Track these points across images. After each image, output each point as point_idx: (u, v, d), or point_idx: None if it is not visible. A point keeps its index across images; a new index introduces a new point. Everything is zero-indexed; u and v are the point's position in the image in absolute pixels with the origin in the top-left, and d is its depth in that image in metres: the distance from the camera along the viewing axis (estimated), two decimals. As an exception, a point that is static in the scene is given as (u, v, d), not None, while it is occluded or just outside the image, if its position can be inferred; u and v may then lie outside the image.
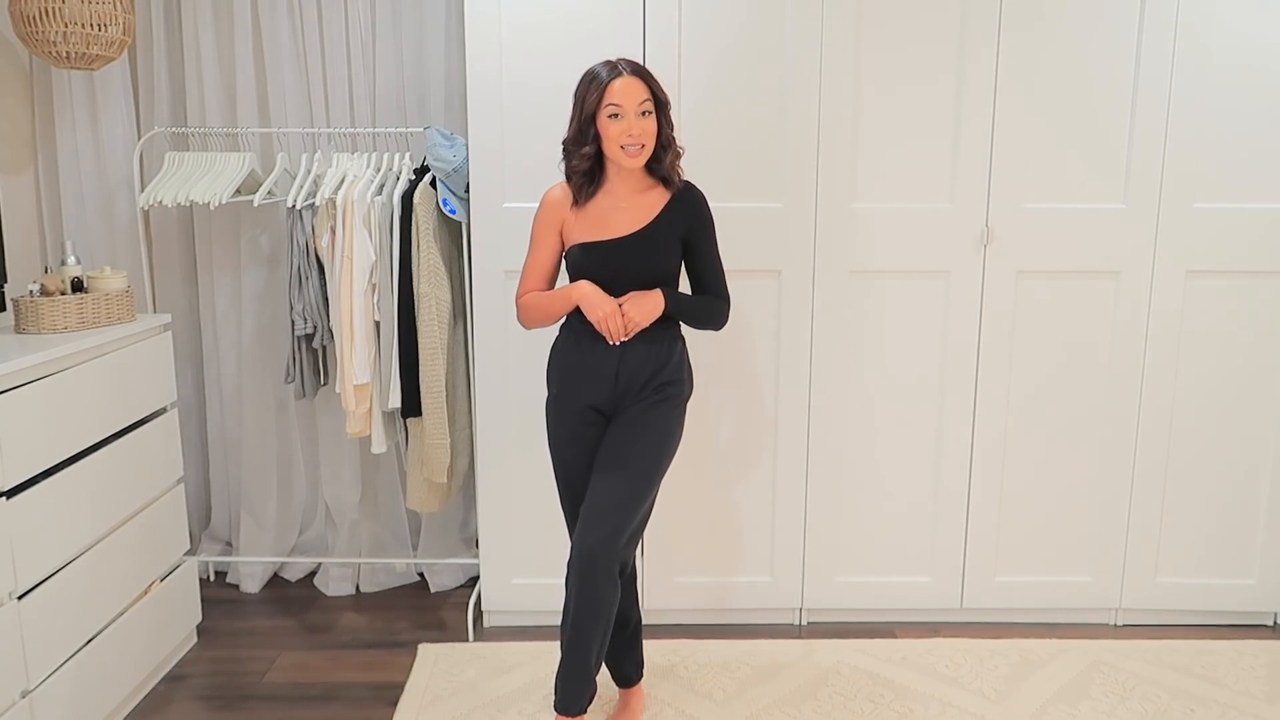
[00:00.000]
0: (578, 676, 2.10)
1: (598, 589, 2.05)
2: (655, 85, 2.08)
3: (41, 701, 2.08)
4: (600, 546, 2.04)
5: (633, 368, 2.12)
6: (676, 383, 2.16)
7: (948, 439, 2.74)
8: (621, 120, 2.03)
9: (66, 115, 2.91)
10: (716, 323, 2.21)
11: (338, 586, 3.13)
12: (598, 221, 2.13)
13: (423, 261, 2.66)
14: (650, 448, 2.12)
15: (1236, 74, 2.56)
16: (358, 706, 2.48)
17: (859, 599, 2.84)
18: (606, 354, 2.11)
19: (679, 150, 2.15)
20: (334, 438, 3.09)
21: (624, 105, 2.02)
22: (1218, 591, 2.82)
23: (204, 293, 3.08)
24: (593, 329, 2.10)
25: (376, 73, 2.97)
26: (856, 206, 2.62)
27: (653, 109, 2.06)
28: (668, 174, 2.14)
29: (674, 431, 2.17)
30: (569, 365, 2.18)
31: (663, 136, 2.10)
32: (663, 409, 2.14)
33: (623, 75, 2.04)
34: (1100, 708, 2.43)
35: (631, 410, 2.13)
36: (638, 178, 2.14)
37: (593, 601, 2.06)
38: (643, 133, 2.04)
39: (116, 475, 2.38)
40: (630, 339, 2.09)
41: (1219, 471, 2.76)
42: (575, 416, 2.17)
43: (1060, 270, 2.66)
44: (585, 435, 2.17)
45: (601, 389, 2.13)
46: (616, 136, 2.04)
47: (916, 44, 2.56)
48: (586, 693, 2.13)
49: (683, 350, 2.20)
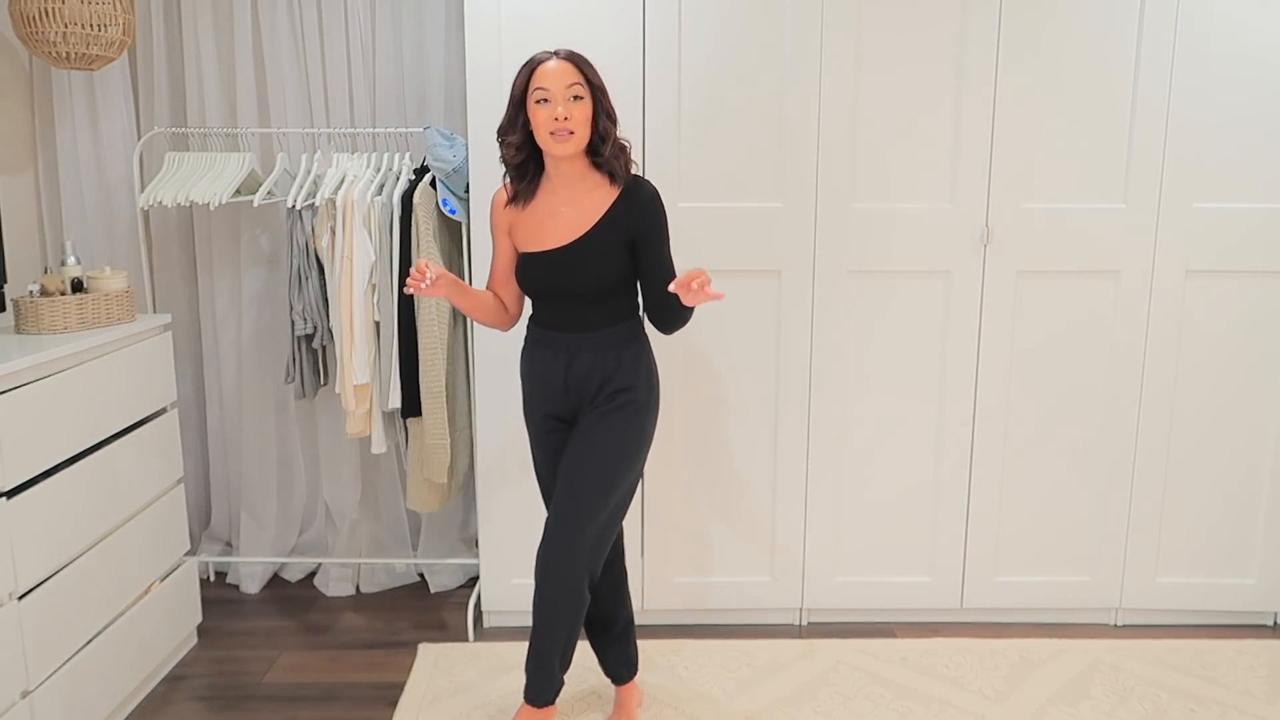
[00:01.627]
0: (540, 669, 2.13)
1: (555, 596, 2.07)
2: (589, 70, 1.98)
3: (41, 701, 2.08)
4: (554, 557, 2.06)
5: (579, 377, 2.09)
6: (630, 389, 2.09)
7: (947, 439, 2.74)
8: (549, 105, 1.95)
9: (66, 115, 2.91)
10: (681, 325, 2.09)
11: (338, 587, 3.13)
12: (538, 228, 2.07)
13: (423, 261, 2.66)
14: (606, 458, 2.07)
15: (1236, 74, 2.56)
16: (358, 706, 2.48)
17: (859, 599, 2.84)
18: (553, 363, 2.11)
19: (623, 143, 2.04)
20: (334, 438, 3.09)
21: (551, 88, 1.94)
22: (1218, 591, 2.82)
23: (204, 293, 3.08)
24: (544, 340, 2.12)
25: (376, 73, 2.97)
26: (856, 206, 2.62)
27: (585, 94, 1.97)
28: (611, 168, 2.03)
29: (632, 439, 2.10)
30: (526, 375, 2.20)
31: (599, 126, 2.00)
32: (617, 417, 2.08)
33: (553, 59, 1.97)
34: (1100, 708, 2.43)
35: (587, 419, 2.10)
36: (580, 174, 2.05)
37: (551, 608, 2.08)
38: (571, 118, 1.95)
39: (116, 475, 2.38)
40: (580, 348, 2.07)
41: (1219, 471, 2.76)
42: (538, 424, 2.19)
43: (1060, 270, 2.66)
44: (549, 442, 2.18)
45: (554, 398, 2.13)
46: (544, 122, 1.95)
47: (917, 44, 2.55)
48: (551, 687, 2.15)
49: (638, 355, 2.12)
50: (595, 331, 2.08)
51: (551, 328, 2.12)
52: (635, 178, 2.08)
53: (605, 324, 2.08)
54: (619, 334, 2.10)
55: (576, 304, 2.08)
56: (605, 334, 2.08)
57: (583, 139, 1.99)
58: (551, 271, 2.05)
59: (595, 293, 2.05)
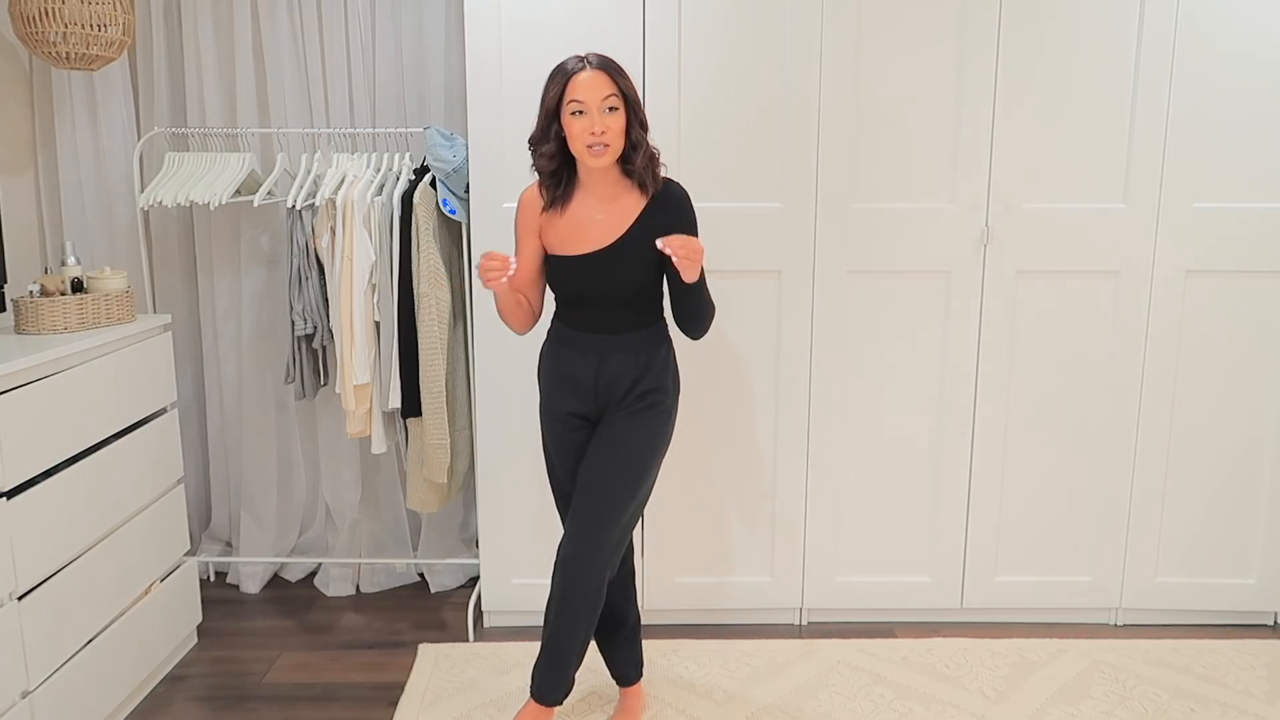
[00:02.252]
0: (555, 668, 2.13)
1: (577, 597, 2.07)
2: (623, 80, 1.97)
3: (41, 701, 2.08)
4: (579, 557, 2.06)
5: (610, 378, 2.09)
6: (660, 390, 2.11)
7: (948, 439, 2.74)
8: (585, 117, 1.93)
9: (66, 115, 2.91)
10: (708, 322, 2.10)
11: (338, 587, 3.13)
12: (572, 231, 2.06)
13: (423, 262, 2.66)
14: (632, 459, 2.08)
15: (1237, 73, 2.56)
16: (358, 706, 2.48)
17: (859, 599, 2.84)
18: (584, 364, 2.10)
19: (654, 151, 2.04)
20: (334, 438, 3.09)
21: (587, 100, 1.92)
22: (1218, 591, 2.82)
23: (204, 293, 3.08)
24: (573, 340, 2.10)
25: (376, 73, 2.97)
26: (856, 206, 2.62)
27: (620, 105, 1.96)
28: (642, 177, 2.03)
29: (658, 439, 2.13)
30: (551, 374, 2.17)
31: (632, 135, 1.99)
32: (645, 417, 2.10)
33: (587, 69, 1.94)
34: (1100, 708, 2.43)
35: (614, 419, 2.10)
36: (613, 180, 2.05)
37: (572, 608, 2.08)
38: (607, 130, 1.94)
39: (116, 475, 2.38)
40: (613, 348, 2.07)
41: (1219, 470, 2.76)
42: (560, 423, 2.16)
43: (1060, 270, 2.66)
44: (570, 441, 2.16)
45: (581, 398, 2.12)
46: (580, 135, 1.94)
47: (916, 44, 2.56)
48: (562, 686, 2.15)
49: (667, 356, 2.14)
50: (626, 334, 2.09)
51: (582, 329, 2.11)
52: (665, 181, 2.09)
53: (636, 326, 2.09)
54: (648, 336, 2.11)
55: (608, 307, 2.08)
56: (635, 336, 2.09)
57: (617, 149, 1.99)
58: (585, 276, 2.05)
59: (627, 296, 2.06)
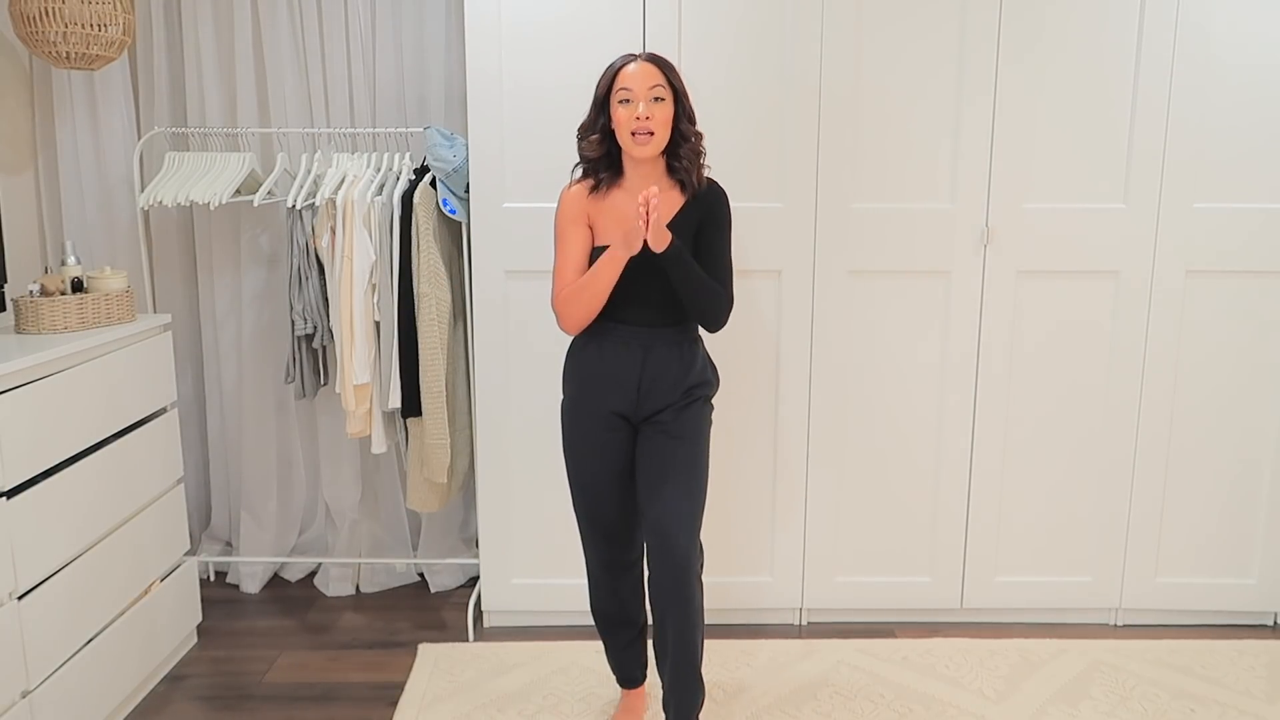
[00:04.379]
0: (693, 684, 2.14)
1: (696, 598, 2.08)
2: (672, 73, 2.02)
3: (41, 701, 2.08)
4: (687, 559, 2.05)
5: (655, 373, 2.09)
6: (704, 384, 2.15)
7: (948, 439, 2.74)
8: (631, 105, 1.98)
9: (66, 115, 2.91)
10: (714, 311, 2.09)
11: (338, 586, 3.13)
12: (616, 227, 2.07)
13: (423, 261, 2.66)
14: (694, 453, 2.11)
15: (1237, 74, 2.56)
16: (358, 706, 2.48)
17: (859, 599, 2.84)
18: (629, 361, 2.09)
19: (700, 149, 2.08)
20: (334, 438, 3.09)
21: (634, 89, 1.98)
22: (1218, 591, 2.82)
23: (204, 293, 3.08)
24: (615, 334, 2.09)
25: (376, 73, 2.97)
26: (856, 206, 2.62)
27: (667, 95, 2.00)
28: (685, 174, 2.06)
29: (707, 430, 2.17)
30: (591, 372, 2.13)
31: (680, 128, 2.03)
32: (693, 410, 2.12)
33: (637, 60, 2.01)
34: (1100, 708, 2.43)
35: (662, 417, 2.10)
36: (656, 177, 2.08)
37: (694, 611, 2.08)
38: (652, 118, 1.98)
39: (116, 475, 2.38)
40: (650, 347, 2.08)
41: (1219, 471, 2.76)
42: (599, 422, 2.13)
43: (1060, 270, 2.66)
44: (609, 442, 2.13)
45: (624, 395, 2.11)
46: (626, 122, 1.99)
47: (916, 45, 2.56)
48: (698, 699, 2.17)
49: (704, 352, 2.18)
50: (667, 328, 2.10)
51: (625, 322, 2.10)
52: (708, 180, 2.13)
53: (676, 320, 2.11)
54: (686, 330, 2.13)
55: (650, 301, 2.08)
56: (675, 330, 2.11)
57: (662, 140, 2.02)
58: (628, 270, 2.05)
59: (667, 291, 2.06)
